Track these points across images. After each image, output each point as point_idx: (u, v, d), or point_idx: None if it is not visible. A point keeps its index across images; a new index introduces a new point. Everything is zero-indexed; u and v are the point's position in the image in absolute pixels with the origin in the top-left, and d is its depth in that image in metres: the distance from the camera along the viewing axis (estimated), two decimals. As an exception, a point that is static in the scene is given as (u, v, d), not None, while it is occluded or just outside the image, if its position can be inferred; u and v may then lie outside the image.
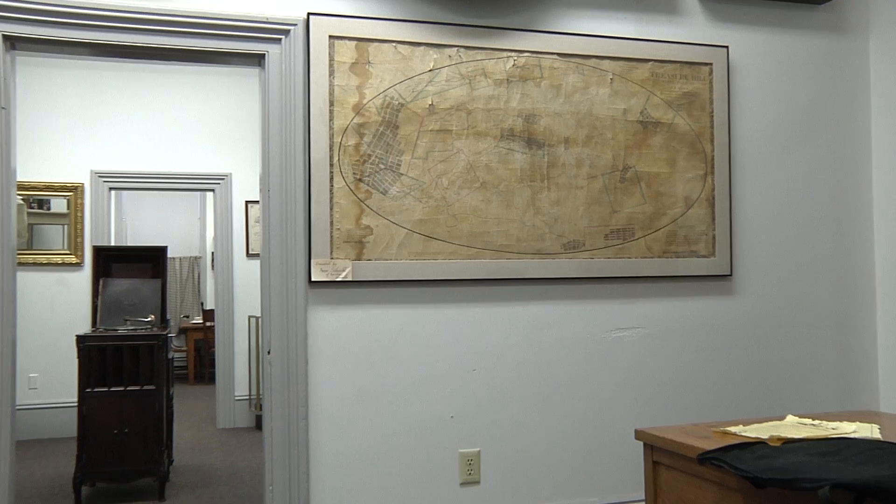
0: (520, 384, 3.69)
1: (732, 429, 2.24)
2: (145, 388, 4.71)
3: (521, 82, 3.67)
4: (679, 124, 3.88)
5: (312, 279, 3.39)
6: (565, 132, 3.73)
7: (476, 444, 3.62)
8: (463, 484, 3.60)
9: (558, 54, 3.72)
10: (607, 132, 3.78)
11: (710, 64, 3.93)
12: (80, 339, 4.70)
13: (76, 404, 4.67)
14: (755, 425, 2.29)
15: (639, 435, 2.37)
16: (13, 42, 3.21)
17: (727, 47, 3.97)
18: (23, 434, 3.53)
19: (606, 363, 3.81)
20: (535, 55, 3.69)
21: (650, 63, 3.84)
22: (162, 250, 5.49)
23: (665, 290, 3.90)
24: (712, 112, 3.94)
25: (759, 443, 2.04)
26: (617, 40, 3.80)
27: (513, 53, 3.66)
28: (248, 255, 6.96)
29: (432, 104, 3.56)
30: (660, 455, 2.28)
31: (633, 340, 3.85)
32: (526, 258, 3.67)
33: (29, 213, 6.65)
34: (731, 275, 3.97)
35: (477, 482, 3.62)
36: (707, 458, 1.99)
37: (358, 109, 3.45)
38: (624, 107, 3.81)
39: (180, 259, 11.11)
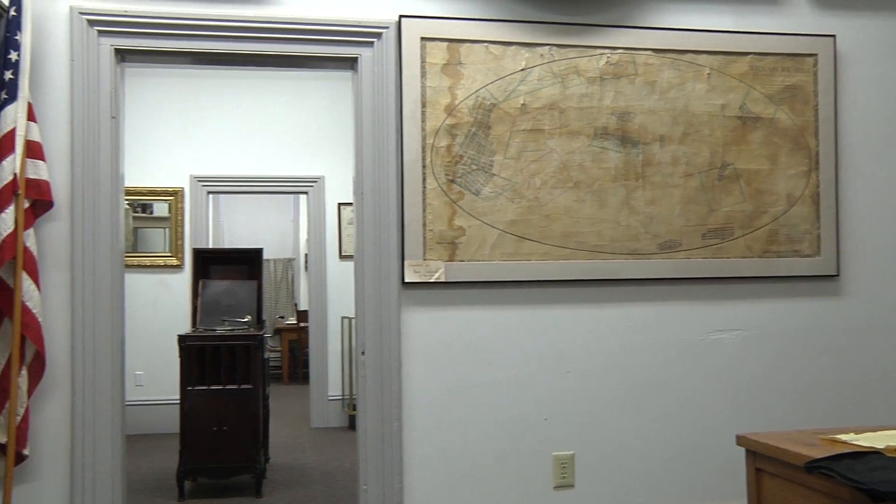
0: (614, 387, 3.62)
1: (843, 437, 2.13)
2: (242, 387, 4.83)
3: (615, 80, 3.60)
4: (781, 119, 3.74)
5: (405, 280, 3.41)
6: (660, 129, 3.64)
7: (570, 447, 3.57)
8: (557, 487, 3.56)
9: (653, 50, 3.63)
10: (704, 129, 3.67)
11: (815, 55, 3.77)
12: (182, 339, 4.86)
13: (178, 401, 4.83)
14: (868, 434, 2.19)
15: (741, 440, 2.29)
16: (123, 55, 3.35)
17: (834, 36, 3.80)
18: (129, 429, 3.66)
19: (704, 366, 3.70)
20: (628, 51, 3.61)
21: (749, 56, 3.71)
22: (258, 252, 5.62)
23: (766, 290, 3.76)
24: (817, 105, 3.77)
25: (874, 452, 1.94)
26: (714, 34, 3.68)
27: (606, 50, 3.60)
28: (341, 256, 7.06)
29: (524, 104, 3.53)
30: (763, 462, 2.20)
31: (732, 343, 3.72)
32: (620, 259, 3.60)
33: (133, 218, 6.92)
34: (838, 275, 3.80)
35: (571, 486, 3.57)
36: (816, 467, 1.90)
37: (450, 110, 3.45)
38: (722, 102, 3.69)
39: (274, 261, 11.37)
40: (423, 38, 3.44)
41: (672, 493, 3.64)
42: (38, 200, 3.11)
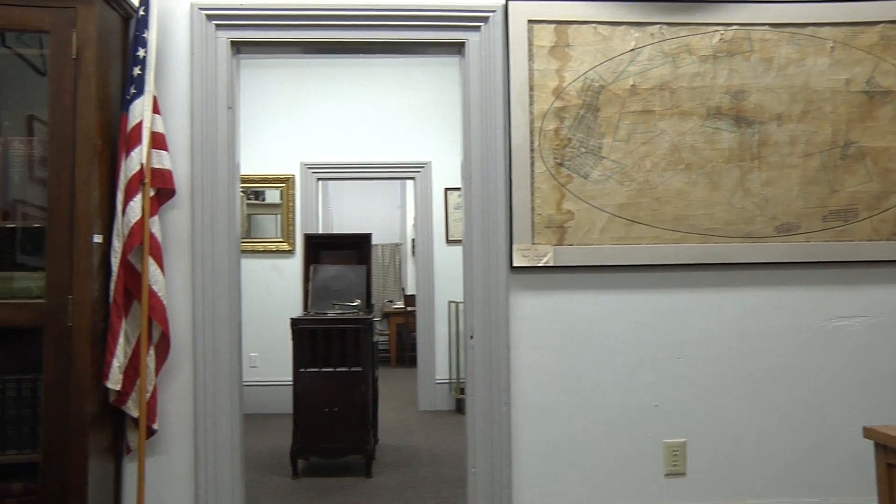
0: (728, 374, 3.52)
1: (984, 431, 2.01)
2: (353, 369, 4.93)
3: (729, 57, 3.48)
4: (914, 92, 3.53)
5: (514, 265, 3.41)
6: (778, 108, 3.50)
7: (681, 434, 3.50)
8: (668, 475, 3.50)
9: (770, 25, 3.49)
10: (826, 105, 3.50)
11: (959, 17, 3.53)
12: (294, 322, 5.00)
13: (290, 382, 4.98)
14: None
15: (869, 433, 2.19)
16: (238, 47, 3.46)
17: (983, -5, 3.54)
18: (244, 408, 3.81)
19: (825, 354, 3.54)
20: (744, 27, 3.48)
21: (880, 25, 3.51)
22: (366, 237, 5.71)
23: (895, 276, 3.57)
24: (957, 75, 3.54)
25: None
26: (839, 3, 3.50)
27: (720, 27, 3.48)
28: (448, 241, 7.10)
29: (634, 84, 3.45)
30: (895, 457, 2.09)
31: (856, 330, 3.55)
32: (735, 242, 3.49)
33: (247, 205, 7.16)
34: (975, 259, 3.56)
35: (683, 474, 3.50)
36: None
37: (558, 93, 3.41)
38: (846, 77, 3.51)
39: (382, 246, 11.54)
40: (530, 21, 3.41)
41: (791, 485, 3.52)
42: (162, 189, 3.26)
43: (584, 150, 3.43)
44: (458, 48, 3.51)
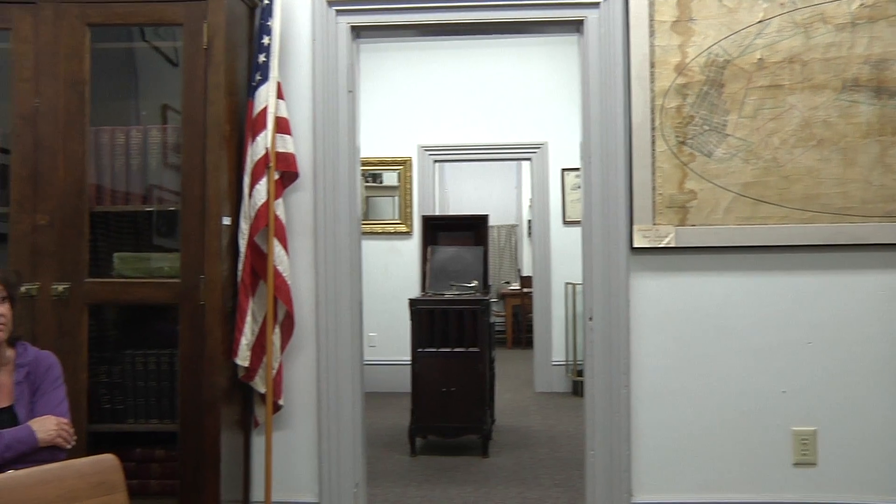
0: (864, 361, 3.35)
1: None
2: (470, 350, 4.97)
3: (870, 24, 3.28)
4: None
5: (634, 246, 3.34)
6: (924, 77, 3.28)
7: (812, 422, 3.36)
8: (796, 464, 3.36)
9: (918, -14, 3.27)
10: (980, 74, 3.26)
11: None
12: (412, 303, 5.07)
13: (408, 362, 5.06)
14: None
15: None
16: (358, 31, 3.52)
17: None
18: (364, 387, 3.95)
19: (973, 341, 3.32)
20: (886, -9, 3.28)
21: None
22: (484, 219, 5.72)
23: None
24: None
25: None
26: None
27: (858, -7, 3.29)
28: (565, 222, 7.03)
29: (761, 58, 3.31)
30: None
31: None
32: (872, 221, 3.30)
33: (365, 187, 7.29)
34: None
35: (813, 464, 3.36)
36: None
37: (680, 69, 3.31)
38: None
39: (498, 227, 11.54)
40: (651, -5, 3.32)
41: (932, 479, 3.33)
42: (285, 172, 3.36)
43: (708, 127, 3.31)
44: (576, 26, 3.45)
